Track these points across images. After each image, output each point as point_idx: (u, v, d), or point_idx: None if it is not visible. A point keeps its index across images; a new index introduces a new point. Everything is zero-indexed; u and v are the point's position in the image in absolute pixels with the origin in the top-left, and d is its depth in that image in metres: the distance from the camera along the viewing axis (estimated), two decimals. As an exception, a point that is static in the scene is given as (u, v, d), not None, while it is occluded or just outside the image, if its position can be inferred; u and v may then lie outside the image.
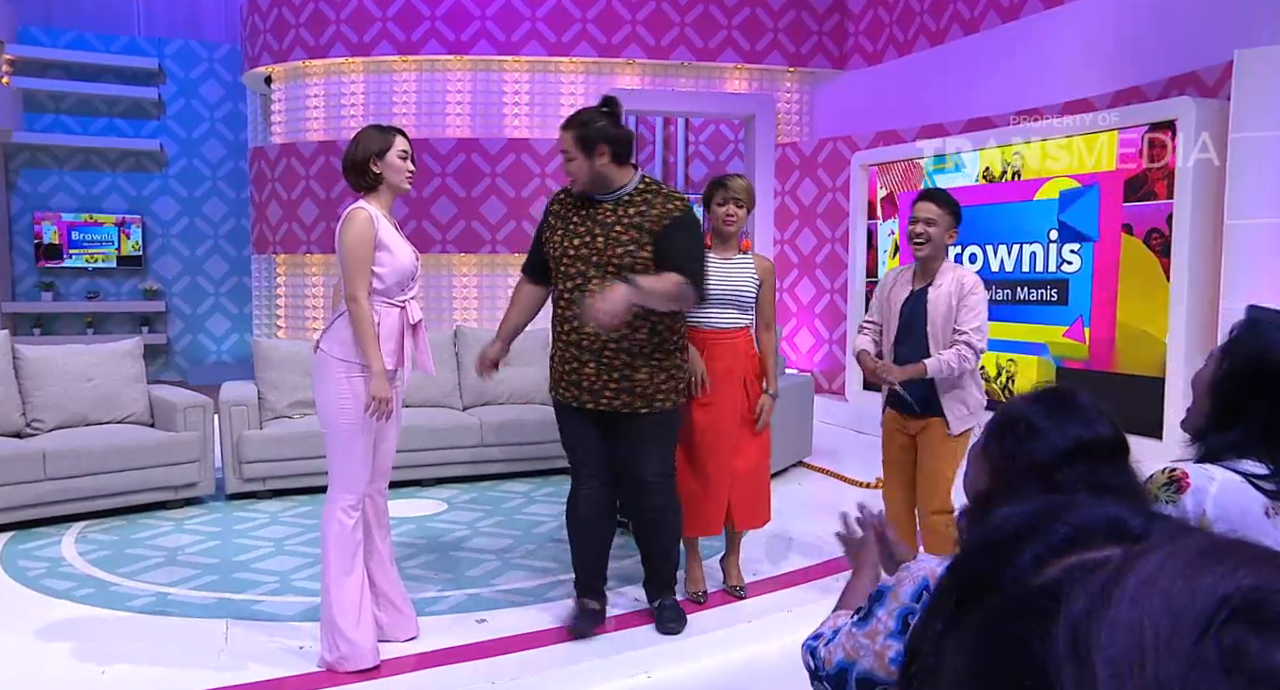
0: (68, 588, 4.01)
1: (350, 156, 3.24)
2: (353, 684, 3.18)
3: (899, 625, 1.43)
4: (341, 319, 3.19)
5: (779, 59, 8.80)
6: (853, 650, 1.49)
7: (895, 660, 1.42)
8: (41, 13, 10.11)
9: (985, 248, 6.68)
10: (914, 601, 1.43)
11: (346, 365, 3.17)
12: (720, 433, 3.80)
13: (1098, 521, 0.52)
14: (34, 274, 10.17)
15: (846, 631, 1.52)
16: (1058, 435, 1.36)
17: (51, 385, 5.21)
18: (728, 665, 3.46)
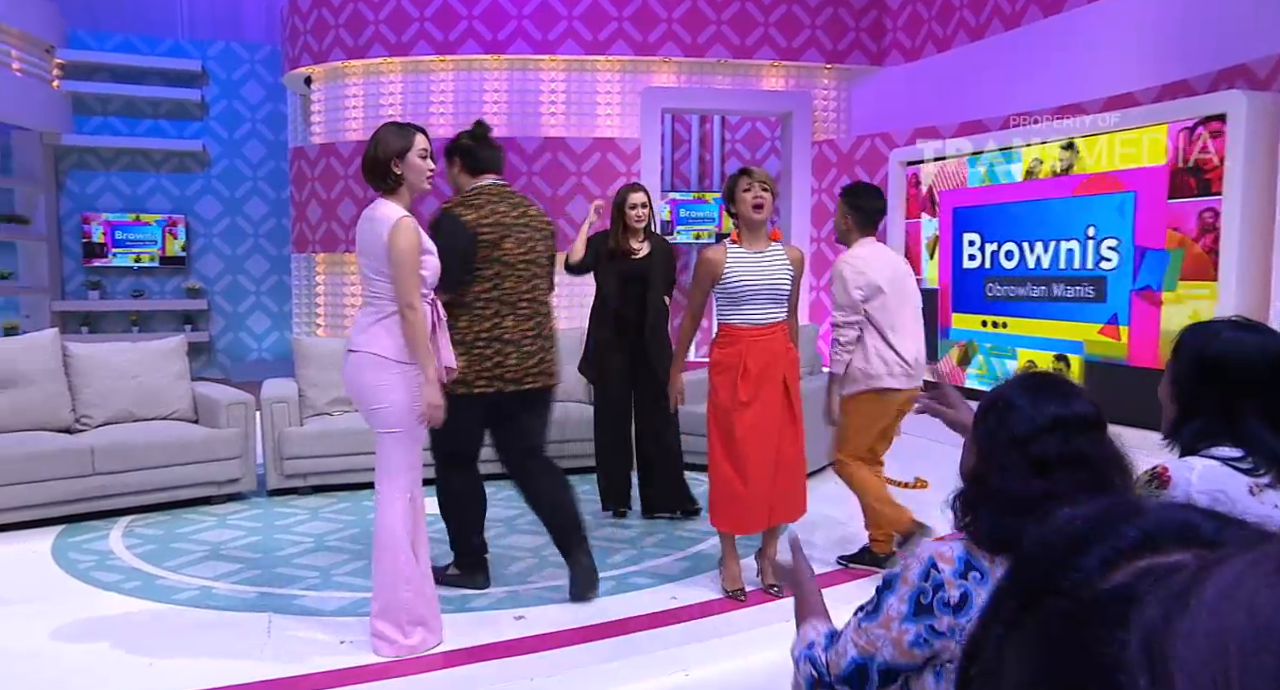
0: (116, 580, 4.09)
1: (371, 157, 3.26)
2: (393, 679, 3.21)
3: (911, 608, 1.47)
4: (384, 322, 3.21)
5: (816, 56, 8.74)
6: (867, 644, 1.51)
7: (914, 643, 1.46)
8: (89, 16, 10.31)
9: (1022, 245, 6.59)
10: (923, 581, 1.47)
11: (403, 367, 3.21)
12: (762, 432, 3.76)
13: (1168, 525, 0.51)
14: (82, 273, 10.37)
15: (854, 628, 1.54)
16: (1034, 411, 1.47)
17: (99, 382, 5.32)
18: (765, 664, 3.44)
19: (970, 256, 7.12)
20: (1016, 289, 6.67)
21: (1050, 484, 1.43)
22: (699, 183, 10.14)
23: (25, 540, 4.59)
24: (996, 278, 6.87)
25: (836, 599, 3.77)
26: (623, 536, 4.73)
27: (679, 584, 4.07)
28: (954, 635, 1.45)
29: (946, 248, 7.34)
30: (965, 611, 1.45)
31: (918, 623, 1.47)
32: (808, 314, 8.81)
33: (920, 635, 1.47)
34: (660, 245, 5.01)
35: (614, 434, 5.00)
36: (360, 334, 3.25)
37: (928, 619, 1.46)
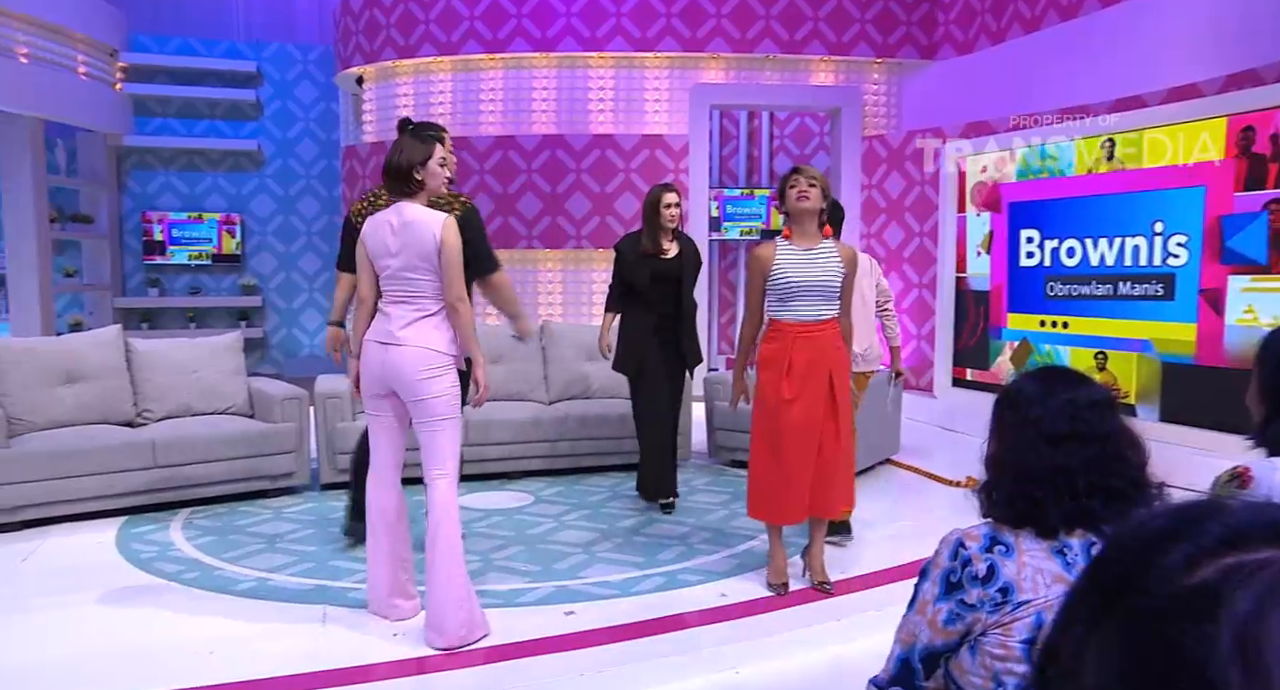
0: (176, 570, 4.18)
1: (394, 164, 3.42)
2: (445, 671, 3.25)
3: (943, 588, 1.56)
4: (430, 319, 3.39)
5: (866, 50, 8.66)
6: (907, 635, 1.60)
7: (948, 621, 1.55)
8: (150, 20, 10.55)
9: (1084, 241, 6.46)
10: (951, 560, 1.56)
11: (453, 360, 3.43)
12: (804, 426, 3.76)
13: (1254, 522, 0.51)
14: (142, 271, 10.62)
15: (899, 626, 1.64)
16: (1045, 395, 1.60)
17: (160, 377, 5.44)
18: (815, 663, 3.43)
19: (1028, 254, 6.96)
20: (1080, 287, 6.51)
21: (1061, 456, 1.55)
22: (747, 179, 10.10)
23: (90, 531, 4.72)
24: (1058, 276, 6.69)
25: (883, 599, 3.75)
26: (673, 533, 4.73)
27: (729, 580, 4.06)
28: (983, 606, 1.53)
29: (1001, 245, 7.21)
30: (993, 582, 1.52)
31: (949, 600, 1.54)
32: (856, 311, 8.73)
33: (952, 611, 1.54)
34: (689, 244, 5.15)
35: (658, 427, 5.11)
36: (405, 329, 3.38)
37: (958, 594, 1.54)
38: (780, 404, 3.75)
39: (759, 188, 9.88)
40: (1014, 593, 1.51)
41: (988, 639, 1.53)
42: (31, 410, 4.99)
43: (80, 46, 9.08)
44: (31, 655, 3.36)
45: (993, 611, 1.52)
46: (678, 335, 5.12)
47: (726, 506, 5.23)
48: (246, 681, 3.12)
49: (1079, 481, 1.54)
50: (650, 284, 5.02)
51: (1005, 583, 1.52)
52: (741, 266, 10.18)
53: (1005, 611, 1.51)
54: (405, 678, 3.19)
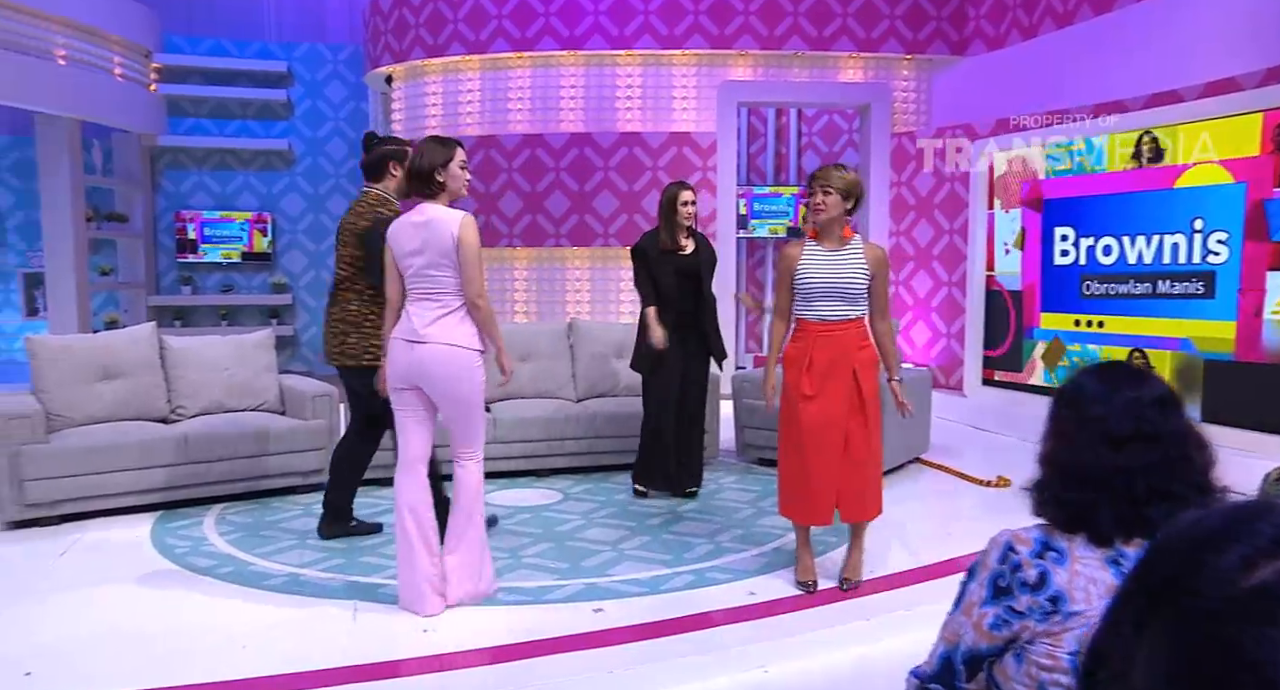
0: (210, 565, 4.23)
1: (417, 166, 3.61)
2: (474, 667, 3.26)
3: (990, 590, 1.50)
4: (454, 315, 3.56)
5: (896, 46, 8.60)
6: (951, 634, 1.56)
7: (994, 625, 1.50)
8: (184, 21, 10.68)
9: (1121, 239, 6.37)
10: (1000, 564, 1.51)
11: (476, 352, 3.62)
12: (827, 423, 3.77)
13: None
14: (175, 269, 10.75)
15: (943, 624, 1.60)
16: (1108, 392, 1.53)
17: (193, 374, 5.50)
18: (845, 662, 3.41)
19: (1063, 252, 6.85)
20: (1118, 286, 6.40)
21: (1123, 458, 1.47)
22: (775, 176, 10.06)
23: (126, 526, 4.78)
24: (1095, 275, 6.58)
25: (912, 599, 3.73)
26: (701, 531, 4.73)
27: (757, 579, 4.05)
28: (1033, 614, 1.48)
29: (1034, 244, 7.11)
30: (1043, 590, 1.47)
31: (997, 604, 1.49)
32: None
33: (1000, 617, 1.50)
34: (704, 241, 5.33)
35: (664, 421, 5.26)
36: (431, 327, 3.54)
37: (1007, 600, 1.49)
38: (800, 401, 3.78)
39: (786, 185, 9.84)
40: (1065, 602, 1.46)
41: (1035, 648, 1.49)
42: (69, 406, 5.06)
43: (116, 48, 9.21)
44: (68, 648, 3.41)
45: (1042, 620, 1.47)
46: (700, 331, 5.25)
47: (754, 505, 5.21)
48: (280, 675, 3.15)
49: (1138, 485, 1.46)
50: (676, 281, 5.17)
51: (1056, 591, 1.47)
52: (769, 264, 10.14)
53: (1055, 621, 1.47)
54: (435, 673, 3.21)
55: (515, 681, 3.16)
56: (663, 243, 5.20)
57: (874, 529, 4.72)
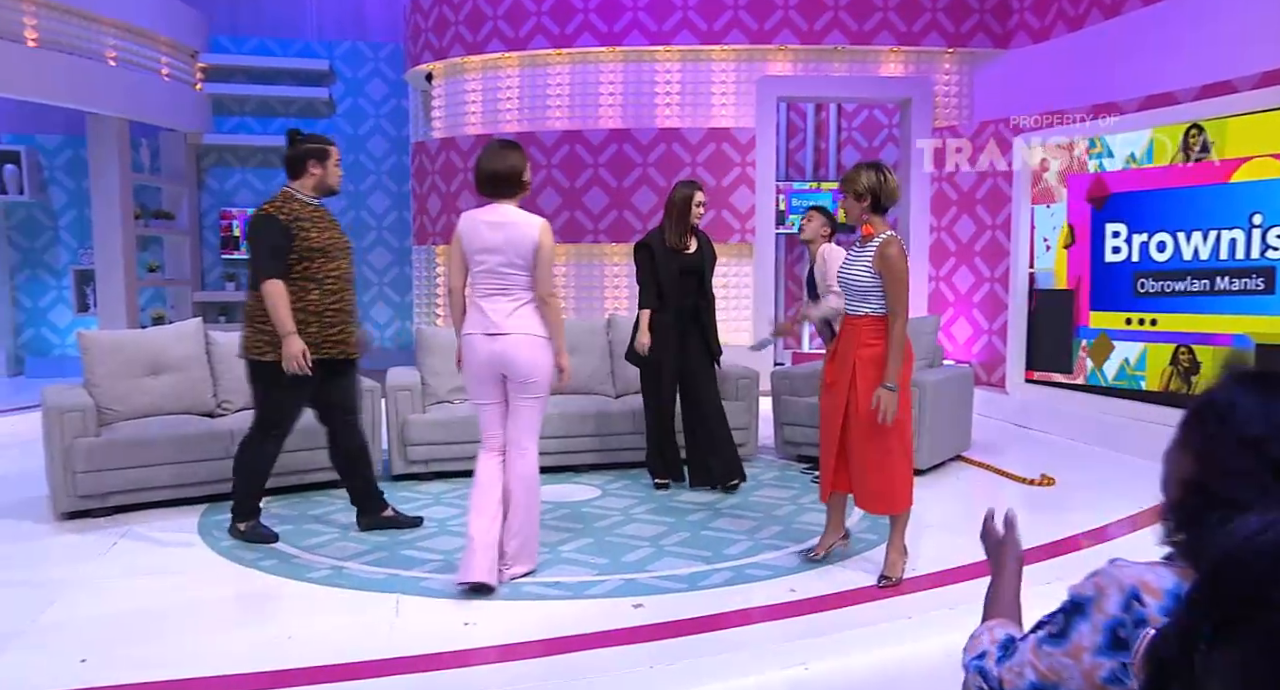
0: (255, 558, 4.29)
1: (500, 170, 3.85)
2: (515, 661, 3.28)
3: (1108, 640, 1.31)
4: (527, 308, 3.83)
5: (938, 40, 8.50)
6: (1050, 671, 1.37)
7: (1109, 680, 1.32)
8: (229, 22, 10.83)
9: (1176, 235, 6.23)
10: (1123, 612, 1.30)
11: (549, 343, 3.89)
12: (830, 410, 4.03)
13: None
14: (220, 266, 10.92)
15: (1033, 649, 1.40)
16: (1268, 408, 1.29)
17: (238, 368, 5.56)
18: (886, 661, 3.38)
19: (1114, 249, 6.69)
20: (1174, 283, 6.24)
21: None
22: (814, 172, 10.00)
23: (174, 518, 4.87)
24: (1149, 272, 6.43)
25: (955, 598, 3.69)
26: (740, 528, 4.72)
27: (797, 576, 4.03)
28: None
29: (1084, 240, 6.97)
30: None
31: (1113, 657, 1.30)
32: (926, 305, 8.59)
33: (1116, 673, 1.31)
34: (705, 240, 5.50)
35: (667, 413, 5.44)
36: (510, 319, 3.82)
37: (1125, 656, 1.29)
38: (821, 387, 4.13)
39: (825, 181, 9.77)
40: None
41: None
42: (119, 400, 5.16)
43: (164, 49, 9.37)
44: (120, 636, 3.48)
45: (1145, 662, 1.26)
46: (700, 327, 5.40)
47: (794, 501, 5.19)
48: (325, 666, 3.19)
49: None
50: (679, 278, 5.32)
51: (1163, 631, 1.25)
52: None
53: None
54: (477, 666, 3.23)
55: (556, 675, 3.17)
56: (670, 241, 5.32)
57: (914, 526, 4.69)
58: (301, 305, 4.33)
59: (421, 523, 4.77)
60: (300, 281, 4.35)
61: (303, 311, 4.32)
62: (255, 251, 4.37)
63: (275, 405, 4.44)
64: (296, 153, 4.48)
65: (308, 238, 4.36)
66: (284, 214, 4.34)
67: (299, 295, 4.34)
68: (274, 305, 4.23)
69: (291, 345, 4.22)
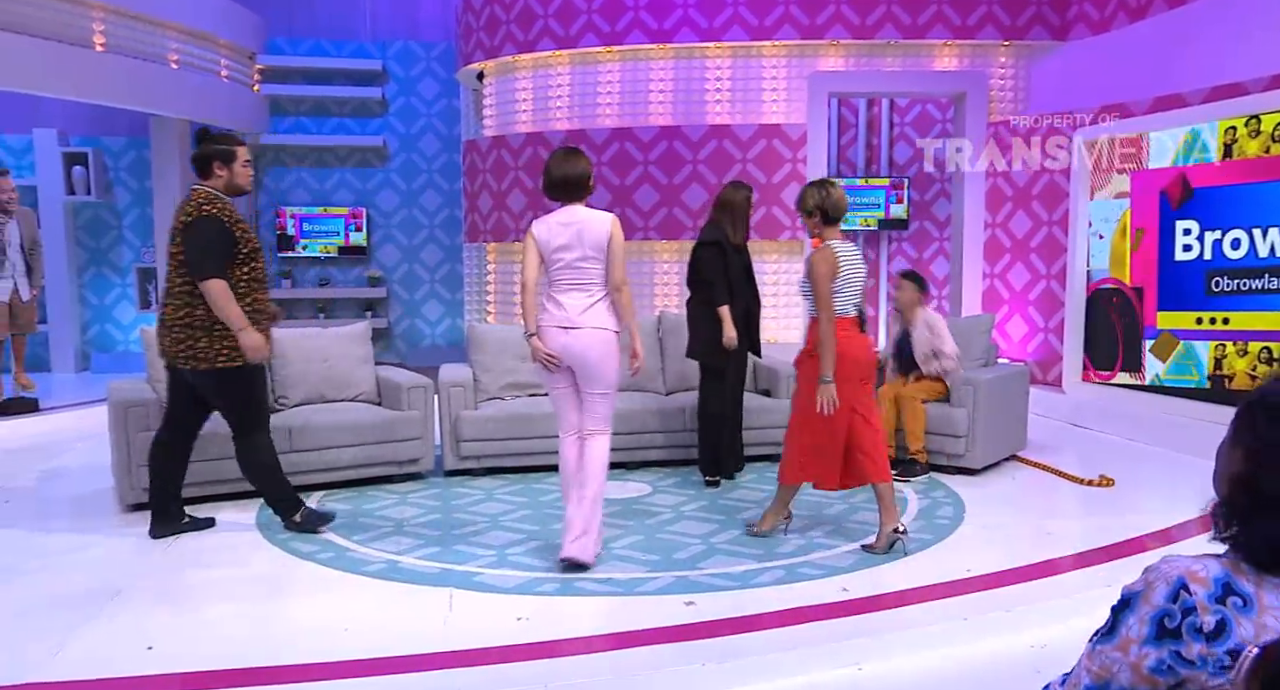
0: (312, 551, 4.37)
1: (571, 175, 4.13)
2: (567, 656, 3.30)
3: (1154, 630, 1.33)
4: (603, 302, 4.09)
5: (993, 33, 8.36)
6: (1102, 670, 1.38)
7: (1155, 670, 1.33)
8: (285, 24, 11.02)
9: (1251, 231, 6.04)
10: (1169, 602, 1.32)
11: (618, 335, 4.14)
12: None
13: None
14: (275, 263, 11.11)
15: (1087, 654, 1.41)
16: None
17: (295, 365, 5.68)
18: (940, 663, 3.35)
19: (1185, 247, 6.50)
20: (1251, 281, 6.03)
21: None
22: (866, 168, 9.89)
23: (235, 511, 4.97)
24: (1223, 270, 6.23)
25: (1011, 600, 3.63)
26: (792, 526, 4.68)
27: (850, 575, 4.01)
28: (1206, 665, 1.30)
29: (1152, 238, 6.79)
30: (1222, 641, 1.29)
31: (1160, 647, 1.33)
32: (980, 303, 8.45)
33: (1163, 661, 1.32)
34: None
35: (722, 410, 5.52)
36: (584, 314, 4.05)
37: (1173, 644, 1.32)
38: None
39: (877, 177, 9.67)
40: None
41: None
42: (180, 395, 5.27)
43: (224, 51, 9.55)
44: (185, 624, 3.56)
45: (1217, 673, 1.29)
46: (747, 323, 5.53)
47: (845, 500, 5.15)
48: (381, 659, 3.24)
49: None
50: (743, 275, 5.51)
51: (1238, 646, 1.27)
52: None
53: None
54: (530, 661, 3.25)
55: (607, 672, 3.19)
56: (735, 240, 5.47)
57: (971, 527, 4.65)
58: (252, 306, 4.36)
59: (213, 523, 4.74)
60: (249, 282, 4.37)
61: (256, 313, 4.37)
62: (198, 253, 4.24)
63: (257, 403, 4.53)
64: (202, 153, 4.40)
65: (249, 238, 4.39)
66: (225, 215, 4.32)
67: (252, 295, 4.38)
68: (225, 303, 4.23)
69: (253, 337, 4.29)
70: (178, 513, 4.63)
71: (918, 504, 5.09)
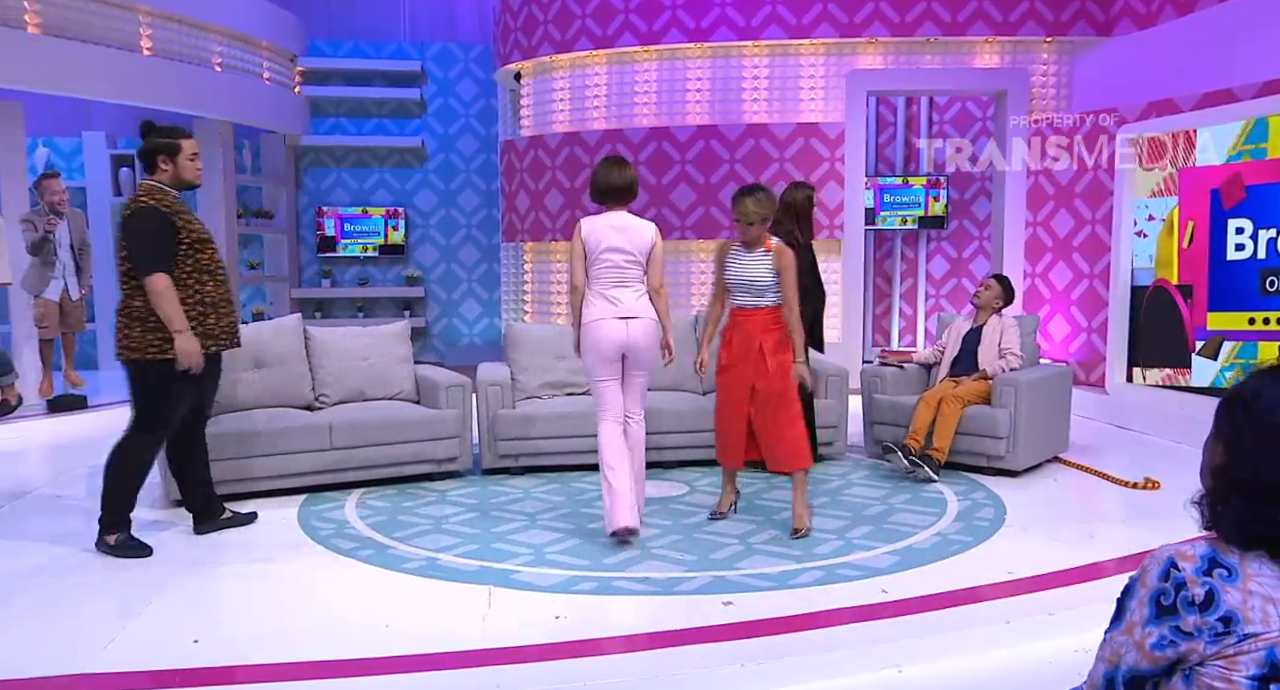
0: (351, 547, 4.41)
1: (622, 182, 4.47)
2: (605, 655, 3.30)
3: (1153, 609, 1.43)
4: (647, 296, 4.47)
5: (1035, 29, 8.25)
6: (1112, 655, 1.49)
7: (1158, 646, 1.43)
8: (325, 26, 11.15)
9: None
10: (1162, 581, 1.43)
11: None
12: (735, 385, 4.62)
13: None
14: (316, 263, 11.25)
15: (1102, 644, 1.52)
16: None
17: (335, 363, 5.74)
18: (982, 666, 3.31)
19: (1238, 246, 6.36)
20: None
21: None
22: (904, 167, 9.81)
23: (275, 507, 5.02)
24: (1277, 269, 6.10)
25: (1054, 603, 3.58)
26: (831, 527, 4.66)
27: (889, 577, 3.97)
28: (1202, 635, 1.39)
29: (1202, 236, 6.65)
30: (1212, 610, 1.39)
31: (1160, 624, 1.42)
32: (1021, 303, 8.35)
33: (1165, 637, 1.42)
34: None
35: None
36: (639, 303, 4.44)
37: (1172, 619, 1.42)
38: (719, 370, 4.72)
39: (915, 176, 9.59)
40: (1238, 623, 1.37)
41: (1207, 670, 1.41)
42: (222, 393, 5.33)
43: (265, 53, 9.69)
44: (228, 619, 3.62)
45: (1212, 642, 1.39)
46: (814, 322, 5.68)
47: (885, 501, 5.11)
48: (421, 655, 3.26)
49: None
50: (808, 275, 5.51)
51: (1228, 612, 1.38)
52: (898, 257, 9.90)
53: (1228, 642, 1.38)
54: (568, 660, 3.25)
55: (645, 672, 3.18)
56: (800, 238, 5.63)
57: (1012, 529, 4.60)
58: (198, 297, 4.27)
59: (255, 518, 4.75)
60: (195, 274, 4.27)
61: (201, 305, 4.27)
62: (137, 245, 4.17)
63: (166, 406, 4.28)
64: (146, 148, 4.32)
65: (193, 228, 4.30)
66: (164, 206, 4.23)
67: (196, 288, 4.27)
68: (165, 301, 4.11)
69: (189, 342, 4.16)
70: (218, 508, 4.69)
71: (958, 505, 5.03)
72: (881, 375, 6.14)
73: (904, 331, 10.00)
